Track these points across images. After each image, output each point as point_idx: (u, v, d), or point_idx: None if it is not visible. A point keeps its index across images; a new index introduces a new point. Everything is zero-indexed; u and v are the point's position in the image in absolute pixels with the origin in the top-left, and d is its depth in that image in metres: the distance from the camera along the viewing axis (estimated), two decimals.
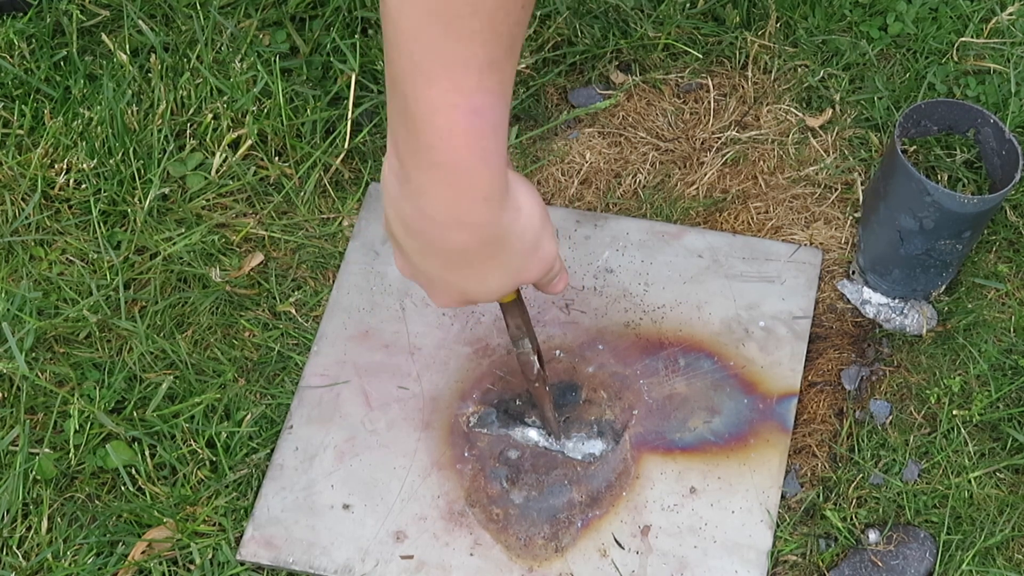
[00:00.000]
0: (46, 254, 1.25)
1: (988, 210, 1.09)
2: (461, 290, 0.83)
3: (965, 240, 1.12)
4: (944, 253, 1.12)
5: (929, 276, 1.16)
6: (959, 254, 1.14)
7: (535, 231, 0.82)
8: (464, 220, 0.77)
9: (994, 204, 1.08)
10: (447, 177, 0.74)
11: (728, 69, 1.32)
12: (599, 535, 1.07)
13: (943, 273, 1.16)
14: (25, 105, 1.32)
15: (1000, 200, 1.08)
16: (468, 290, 0.83)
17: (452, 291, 0.84)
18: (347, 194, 1.27)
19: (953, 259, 1.14)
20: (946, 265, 1.14)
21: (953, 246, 1.12)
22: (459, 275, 0.82)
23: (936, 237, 1.11)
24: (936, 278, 1.16)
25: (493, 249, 0.80)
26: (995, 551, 1.05)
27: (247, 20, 1.36)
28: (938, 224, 1.10)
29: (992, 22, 1.31)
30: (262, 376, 1.18)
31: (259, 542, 1.09)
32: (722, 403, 1.12)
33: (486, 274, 0.82)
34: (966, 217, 1.08)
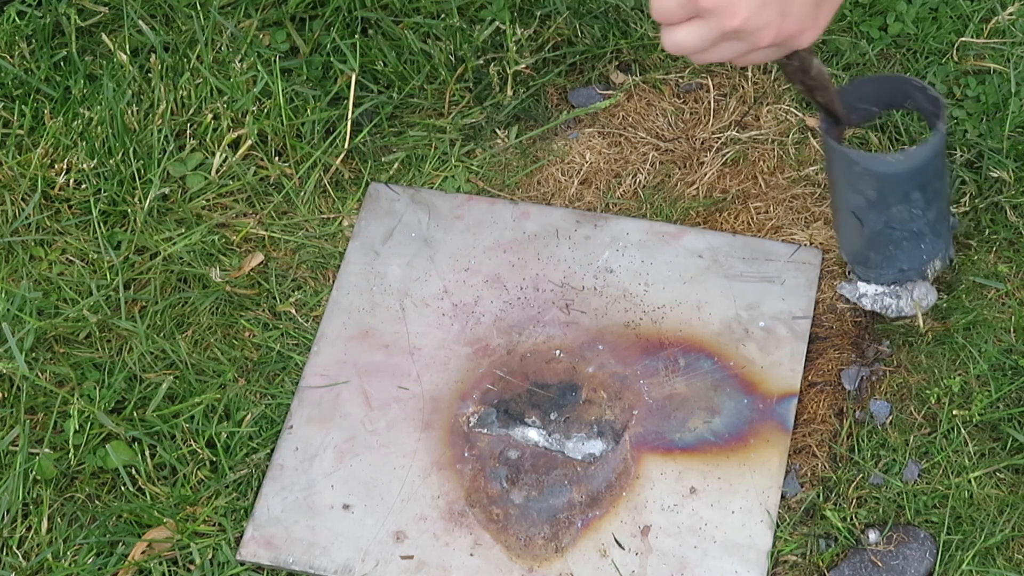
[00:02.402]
0: (46, 254, 1.25)
1: (921, 166, 1.05)
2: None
3: (918, 202, 1.07)
4: (905, 221, 1.09)
5: (906, 251, 1.12)
6: (926, 220, 1.09)
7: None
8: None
9: (923, 159, 1.05)
10: None
11: (728, 69, 1.32)
12: (599, 535, 1.07)
13: (920, 244, 1.11)
14: (25, 105, 1.32)
15: (929, 154, 1.05)
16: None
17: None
18: (347, 194, 1.28)
19: (923, 227, 1.09)
20: (919, 235, 1.10)
21: (909, 211, 1.08)
22: None
23: (886, 205, 1.08)
24: (915, 251, 1.12)
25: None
26: (995, 551, 1.05)
27: (247, 20, 1.36)
28: (880, 191, 1.07)
29: (992, 22, 1.31)
30: (262, 376, 1.18)
31: (259, 542, 1.09)
32: (722, 403, 1.12)
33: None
34: (902, 177, 1.05)
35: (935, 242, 1.12)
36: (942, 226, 1.12)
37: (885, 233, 1.10)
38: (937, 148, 1.06)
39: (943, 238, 1.12)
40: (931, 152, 1.06)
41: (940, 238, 1.12)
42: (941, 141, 1.06)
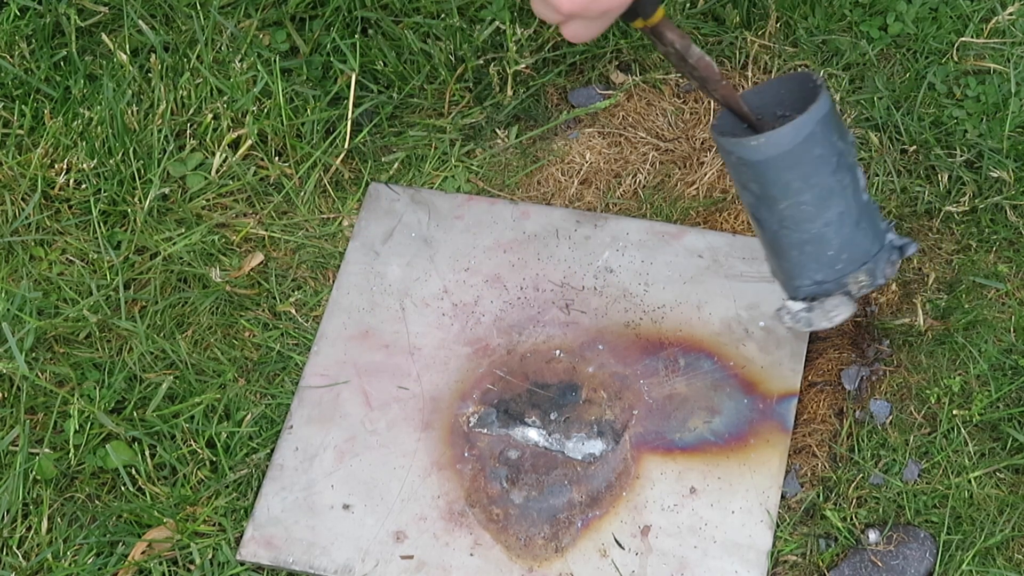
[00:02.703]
0: (46, 254, 1.25)
1: (790, 152, 0.98)
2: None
3: (806, 197, 1.00)
4: (799, 221, 1.01)
5: (812, 257, 1.03)
6: (826, 221, 1.01)
7: None
8: None
9: (786, 144, 0.98)
10: None
11: (728, 69, 1.32)
12: (599, 535, 1.07)
13: (828, 251, 1.02)
14: (25, 105, 1.32)
15: (794, 138, 0.98)
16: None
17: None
18: (347, 194, 1.28)
19: (825, 230, 1.01)
20: (821, 239, 1.02)
21: (798, 207, 1.00)
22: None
23: (773, 201, 1.00)
24: (824, 259, 1.03)
25: None
26: (995, 551, 1.06)
27: (247, 20, 1.36)
28: (761, 184, 1.00)
29: (992, 22, 1.31)
30: (262, 376, 1.18)
31: (259, 542, 1.09)
32: (722, 403, 1.12)
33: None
34: (774, 164, 0.99)
35: (852, 250, 1.03)
36: (860, 234, 1.03)
37: (782, 235, 1.04)
38: (804, 133, 0.98)
39: (864, 248, 1.04)
40: (795, 136, 0.99)
41: (859, 248, 1.03)
42: (810, 125, 0.98)
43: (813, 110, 0.98)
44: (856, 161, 1.02)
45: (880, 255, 1.04)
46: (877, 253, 1.04)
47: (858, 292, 1.05)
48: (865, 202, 1.02)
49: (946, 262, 1.20)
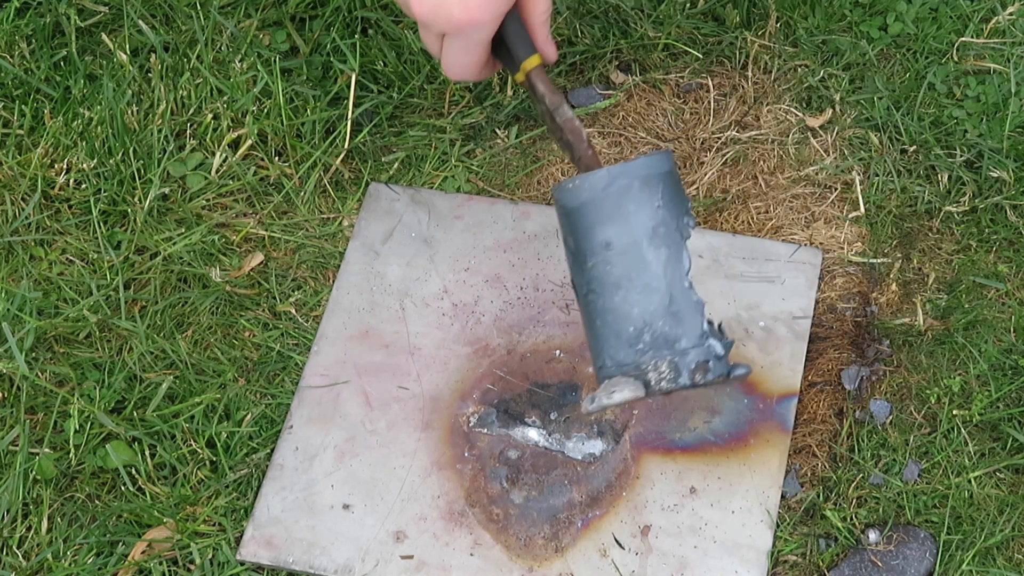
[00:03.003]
0: (46, 254, 1.25)
1: (606, 199, 0.91)
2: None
3: (609, 254, 0.91)
4: (604, 284, 0.92)
5: (613, 329, 0.93)
6: (627, 288, 0.92)
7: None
8: None
9: (604, 188, 0.90)
10: None
11: (728, 69, 1.32)
12: (599, 535, 1.07)
13: (629, 326, 0.92)
14: (25, 105, 1.32)
15: (610, 182, 0.90)
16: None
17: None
18: (347, 194, 1.28)
19: (626, 300, 0.92)
20: (625, 312, 0.92)
21: (604, 266, 0.92)
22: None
23: (582, 259, 0.93)
24: (624, 335, 0.92)
25: None
26: (995, 551, 1.06)
27: (247, 20, 1.36)
28: (575, 237, 0.93)
29: (992, 22, 1.31)
30: (262, 376, 1.18)
31: (259, 542, 1.09)
32: (722, 403, 1.12)
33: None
34: (585, 211, 0.91)
35: (655, 334, 0.92)
36: (671, 320, 0.92)
37: (589, 301, 0.94)
38: (620, 183, 0.91)
39: (671, 337, 0.92)
40: (608, 182, 0.92)
41: (664, 334, 0.92)
42: (627, 177, 0.91)
43: (635, 163, 0.92)
44: (684, 245, 0.93)
45: (691, 353, 0.92)
46: (688, 349, 0.92)
47: (657, 384, 0.92)
48: (684, 289, 0.92)
49: (946, 262, 1.20)
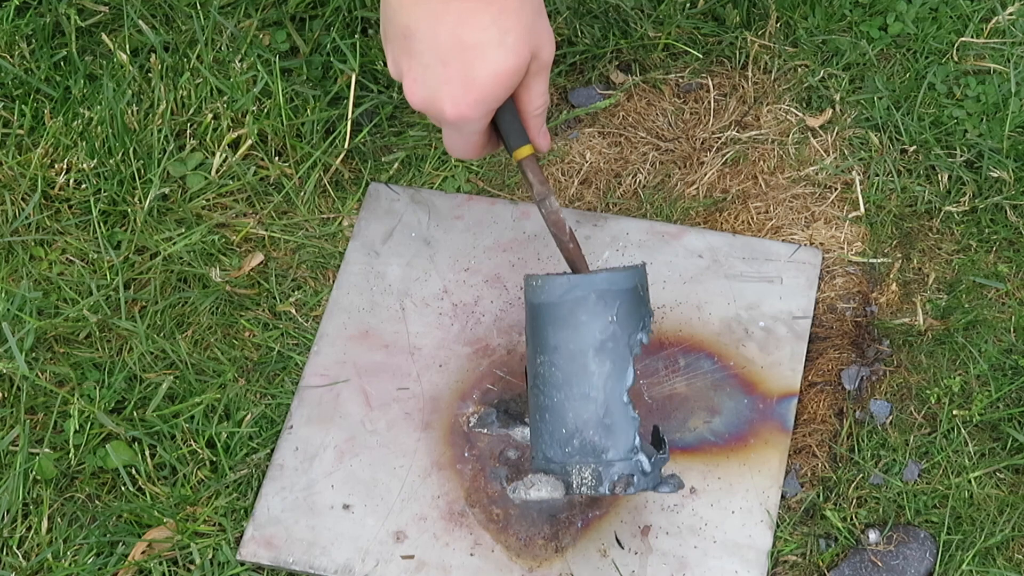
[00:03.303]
0: (46, 254, 1.25)
1: (560, 305, 0.94)
2: (475, 53, 0.85)
3: (556, 357, 0.95)
4: (546, 383, 0.96)
5: (549, 427, 0.96)
6: (566, 392, 0.95)
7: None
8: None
9: (560, 295, 0.94)
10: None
11: (728, 69, 1.33)
12: (599, 535, 1.07)
13: (563, 427, 0.95)
14: (25, 105, 1.32)
15: (568, 291, 0.94)
16: (484, 43, 0.84)
17: (461, 58, 0.85)
18: (347, 194, 1.28)
19: (564, 403, 0.95)
20: (560, 414, 0.95)
21: (549, 366, 0.95)
22: (472, 26, 0.84)
23: (533, 354, 0.96)
24: (558, 435, 0.96)
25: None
26: (995, 551, 1.06)
27: (247, 20, 1.36)
28: (531, 331, 0.96)
29: (992, 22, 1.31)
30: (262, 376, 1.18)
31: (259, 542, 1.09)
32: (722, 403, 1.12)
33: (502, 12, 0.83)
34: (542, 311, 0.95)
35: (584, 441, 0.96)
36: (601, 431, 0.96)
37: (532, 395, 0.99)
38: (576, 293, 0.94)
39: (598, 447, 0.96)
40: (565, 290, 0.95)
41: (593, 443, 0.96)
42: (583, 289, 0.94)
43: (597, 276, 0.95)
44: (631, 361, 0.96)
45: (616, 465, 0.95)
46: (614, 461, 0.95)
47: (577, 488, 0.96)
48: (621, 404, 0.96)
49: (946, 262, 1.20)
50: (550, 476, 0.97)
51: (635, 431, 0.96)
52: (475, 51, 0.86)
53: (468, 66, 0.86)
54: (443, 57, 0.86)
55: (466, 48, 0.86)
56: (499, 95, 0.88)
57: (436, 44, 0.86)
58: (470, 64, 0.86)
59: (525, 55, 0.87)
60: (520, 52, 0.87)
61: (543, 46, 0.89)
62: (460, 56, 0.86)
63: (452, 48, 0.86)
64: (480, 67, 0.86)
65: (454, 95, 0.87)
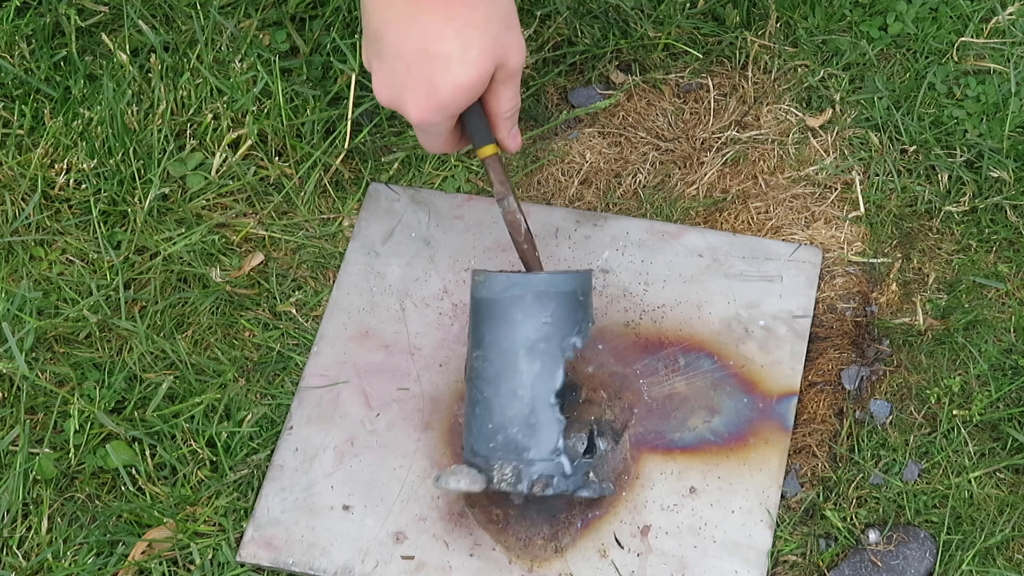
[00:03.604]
0: (46, 254, 1.25)
1: (498, 302, 0.96)
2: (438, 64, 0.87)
3: (489, 352, 0.96)
4: (479, 377, 0.97)
5: (478, 421, 0.98)
6: (495, 388, 0.96)
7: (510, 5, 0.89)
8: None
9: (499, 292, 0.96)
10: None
11: (728, 69, 1.32)
12: (599, 535, 1.07)
13: (488, 423, 0.97)
14: (25, 105, 1.32)
15: (505, 288, 0.96)
16: (447, 55, 0.87)
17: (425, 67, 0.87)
18: (347, 194, 1.28)
19: (495, 402, 0.97)
20: (488, 409, 0.97)
21: (483, 361, 0.96)
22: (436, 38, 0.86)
23: (472, 347, 0.97)
24: (484, 430, 0.97)
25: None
26: (995, 551, 1.06)
27: (247, 20, 1.36)
28: (472, 326, 0.97)
29: (992, 22, 1.31)
30: (262, 376, 1.18)
31: (259, 543, 1.09)
32: (722, 403, 1.12)
33: (466, 25, 0.86)
34: (481, 306, 0.97)
35: (507, 438, 0.98)
36: (525, 430, 0.97)
37: (468, 388, 1.01)
38: (513, 292, 0.96)
39: (520, 446, 0.98)
40: (503, 288, 0.97)
41: (515, 441, 0.98)
42: (521, 288, 0.96)
43: (536, 277, 0.98)
44: (561, 366, 0.98)
45: (537, 465, 0.98)
46: (535, 461, 0.98)
47: (498, 484, 0.98)
48: (548, 404, 0.98)
49: (946, 262, 1.20)
50: (473, 469, 0.99)
51: (559, 433, 0.98)
52: (438, 62, 0.88)
53: (431, 76, 0.89)
54: (408, 64, 0.89)
55: (430, 58, 0.88)
56: (460, 104, 0.92)
57: (402, 51, 0.89)
58: (433, 74, 0.89)
59: (487, 67, 0.90)
60: (482, 65, 0.89)
61: (510, 56, 0.92)
62: (424, 65, 0.89)
63: (416, 56, 0.88)
64: (442, 78, 0.89)
65: (417, 100, 0.90)
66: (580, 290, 1.00)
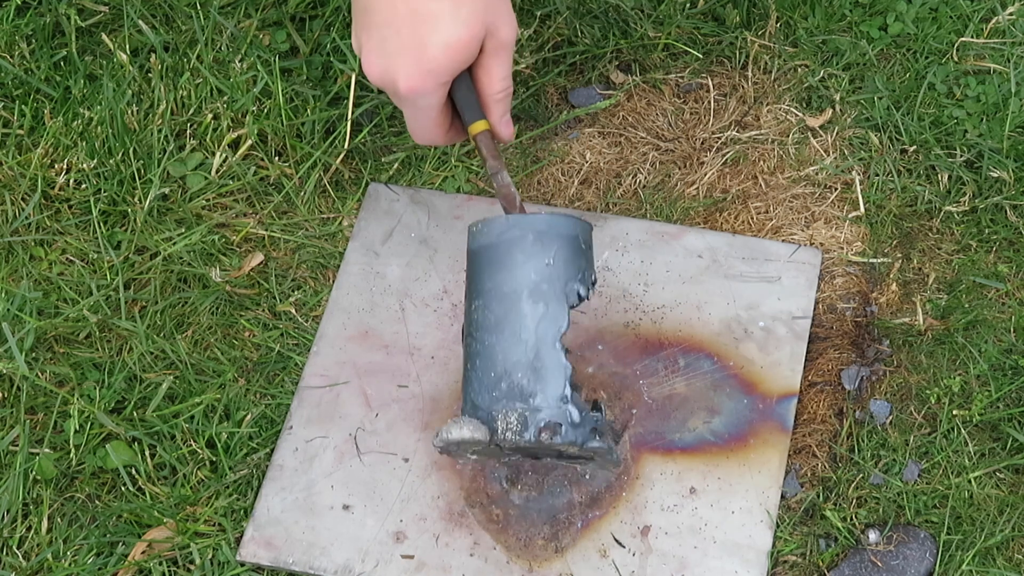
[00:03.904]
0: (46, 254, 1.25)
1: (498, 245, 0.94)
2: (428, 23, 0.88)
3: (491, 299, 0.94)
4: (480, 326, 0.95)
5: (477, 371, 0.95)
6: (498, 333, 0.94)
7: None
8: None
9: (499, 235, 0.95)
10: None
11: (728, 69, 1.32)
12: (599, 535, 1.07)
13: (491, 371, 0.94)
14: (25, 105, 1.32)
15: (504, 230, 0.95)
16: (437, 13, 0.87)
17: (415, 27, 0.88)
18: (347, 194, 1.28)
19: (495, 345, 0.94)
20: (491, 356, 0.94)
21: (484, 310, 0.95)
22: None
23: (470, 301, 0.96)
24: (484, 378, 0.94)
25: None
26: (995, 551, 1.06)
27: (247, 20, 1.36)
28: (470, 281, 0.96)
29: (992, 22, 1.31)
30: (262, 376, 1.18)
31: (259, 543, 1.09)
32: (722, 403, 1.12)
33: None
34: (480, 255, 0.96)
35: (512, 384, 0.94)
36: (530, 375, 0.94)
37: (468, 344, 0.98)
38: (514, 233, 0.95)
39: (525, 391, 0.94)
40: (503, 230, 0.95)
41: (520, 387, 0.94)
42: (521, 228, 0.94)
43: (536, 217, 0.95)
44: (566, 308, 0.95)
45: (543, 412, 0.94)
46: (541, 407, 0.94)
47: (503, 435, 0.94)
48: (553, 349, 0.94)
49: (946, 262, 1.20)
50: (476, 420, 0.95)
51: (566, 379, 0.94)
52: (428, 21, 0.89)
53: (421, 36, 0.89)
54: (398, 27, 0.89)
55: (420, 17, 0.89)
56: (451, 68, 0.91)
57: (393, 14, 0.89)
58: (423, 34, 0.89)
59: (478, 29, 0.90)
60: (472, 26, 0.90)
61: (500, 25, 0.92)
62: (414, 25, 0.89)
63: (407, 17, 0.89)
64: (432, 37, 0.89)
65: (407, 66, 0.91)
66: (582, 237, 0.97)
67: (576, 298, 0.96)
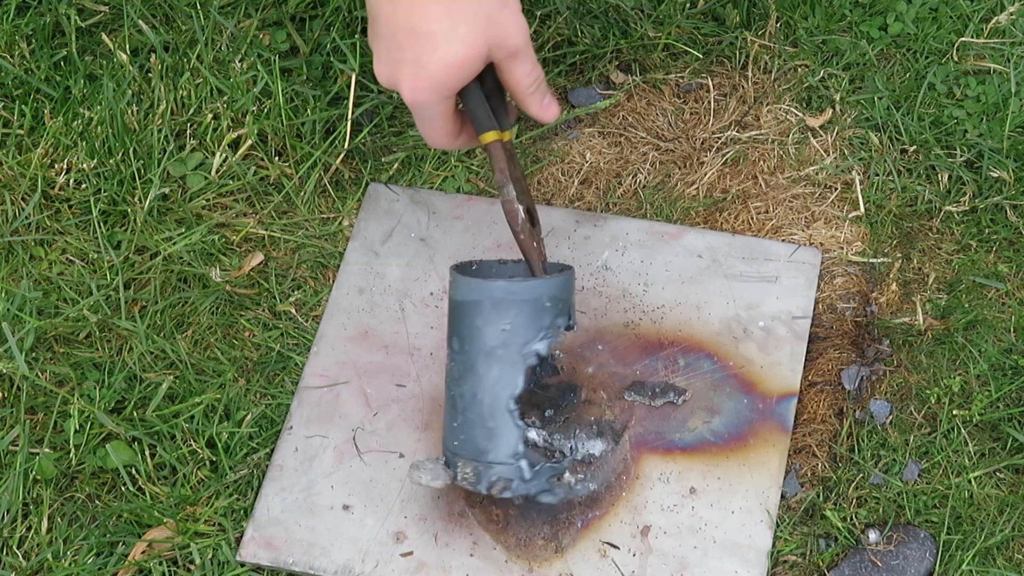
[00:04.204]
0: (46, 254, 1.25)
1: (461, 306, 0.96)
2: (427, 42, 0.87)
3: (457, 355, 0.97)
4: (450, 376, 0.99)
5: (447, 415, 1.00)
6: (460, 388, 0.98)
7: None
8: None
9: (462, 296, 0.96)
10: None
11: (728, 69, 1.32)
12: (599, 535, 1.07)
13: (453, 422, 0.99)
14: (25, 105, 1.32)
15: (466, 292, 0.96)
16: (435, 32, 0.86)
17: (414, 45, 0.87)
18: (347, 194, 1.28)
19: (457, 398, 0.98)
20: (453, 407, 0.98)
21: (452, 358, 0.98)
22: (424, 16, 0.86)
23: (448, 341, 0.98)
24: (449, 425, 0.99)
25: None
26: (995, 551, 1.06)
27: (247, 20, 1.36)
28: (448, 322, 0.99)
29: (992, 22, 1.31)
30: (262, 376, 1.18)
31: (259, 543, 1.09)
32: (722, 403, 1.12)
33: (455, 12, 0.86)
34: (454, 308, 0.98)
35: (468, 439, 0.99)
36: (483, 433, 0.98)
37: (445, 379, 1.02)
38: (472, 296, 0.96)
39: (478, 447, 0.99)
40: (464, 292, 0.97)
41: (474, 442, 0.99)
42: (478, 293, 0.96)
43: (495, 284, 0.96)
44: (521, 372, 0.97)
45: (496, 468, 0.99)
46: (493, 464, 0.99)
47: (460, 481, 1.00)
48: (506, 412, 0.98)
49: (946, 262, 1.20)
50: (440, 464, 1.02)
51: (518, 439, 0.99)
52: (427, 40, 0.88)
53: (420, 54, 0.89)
54: (399, 42, 0.89)
55: (419, 36, 0.88)
56: (452, 84, 0.91)
57: (394, 29, 0.89)
58: (422, 53, 0.89)
59: (478, 47, 0.89)
60: (471, 44, 0.89)
61: (507, 36, 0.90)
62: (414, 44, 0.89)
63: (407, 35, 0.88)
64: (431, 56, 0.89)
65: (409, 80, 0.90)
66: (547, 295, 0.97)
67: (535, 358, 0.98)
